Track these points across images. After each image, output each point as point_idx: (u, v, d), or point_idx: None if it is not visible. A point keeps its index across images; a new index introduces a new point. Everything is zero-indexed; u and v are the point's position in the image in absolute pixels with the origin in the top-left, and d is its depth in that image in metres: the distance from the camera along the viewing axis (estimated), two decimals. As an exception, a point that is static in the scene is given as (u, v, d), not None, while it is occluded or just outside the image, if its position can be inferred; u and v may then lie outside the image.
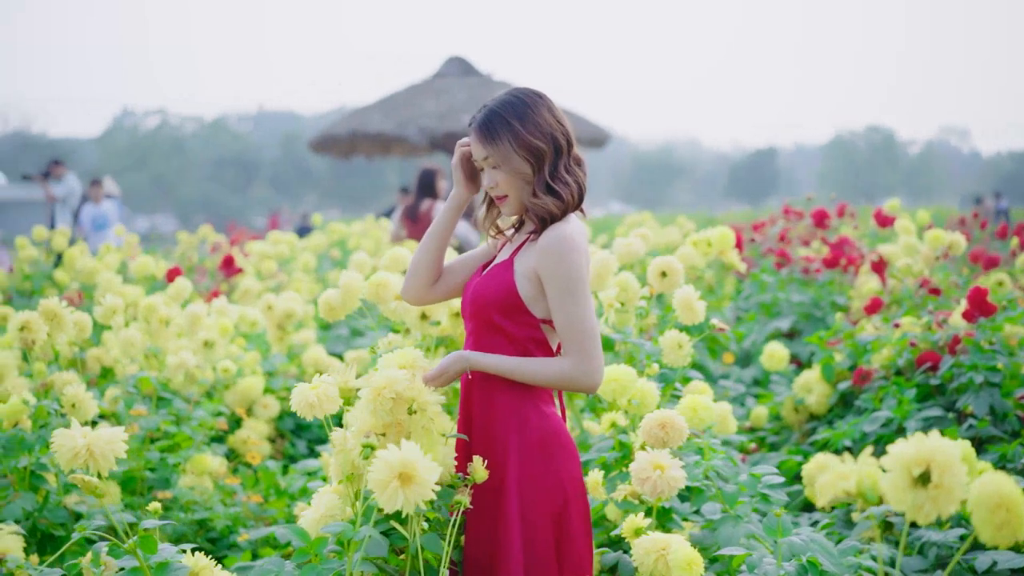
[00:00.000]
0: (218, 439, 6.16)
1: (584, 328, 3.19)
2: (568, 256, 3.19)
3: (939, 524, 4.20)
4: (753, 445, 5.50)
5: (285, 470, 6.00)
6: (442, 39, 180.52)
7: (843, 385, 5.90)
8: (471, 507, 3.19)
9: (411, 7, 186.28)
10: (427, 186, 10.90)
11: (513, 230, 3.50)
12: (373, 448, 2.89)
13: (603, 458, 4.13)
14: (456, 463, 3.23)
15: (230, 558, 4.67)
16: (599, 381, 3.25)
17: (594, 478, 3.80)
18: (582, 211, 3.38)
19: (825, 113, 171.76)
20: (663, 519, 3.86)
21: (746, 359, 7.87)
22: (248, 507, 5.19)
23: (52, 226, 15.68)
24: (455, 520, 3.09)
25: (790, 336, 7.78)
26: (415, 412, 3.02)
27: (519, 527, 3.20)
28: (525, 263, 3.28)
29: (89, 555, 3.23)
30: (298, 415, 3.71)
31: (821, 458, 4.63)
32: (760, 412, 6.20)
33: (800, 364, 7.41)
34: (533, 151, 3.24)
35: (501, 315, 3.28)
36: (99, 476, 2.86)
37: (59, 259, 11.46)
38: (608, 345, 4.85)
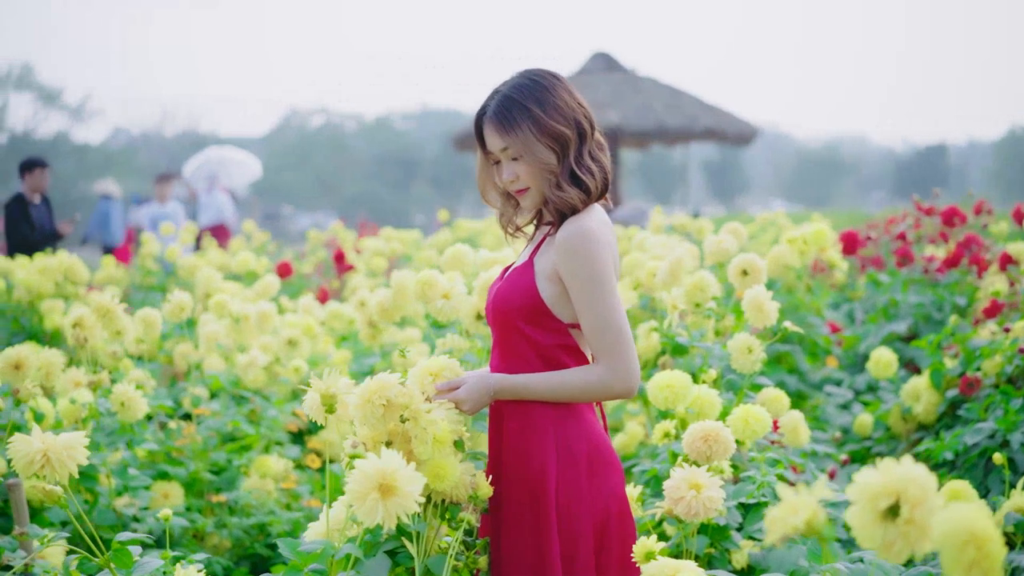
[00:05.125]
0: (299, 440, 6.05)
1: (613, 327, 2.93)
2: (590, 250, 2.94)
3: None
4: (844, 456, 5.16)
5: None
6: (590, 36, 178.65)
7: (951, 393, 5.51)
8: (511, 526, 3.00)
9: (556, 3, 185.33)
10: None
11: (533, 227, 3.26)
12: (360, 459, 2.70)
13: (654, 470, 3.89)
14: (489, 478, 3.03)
15: (278, 565, 4.53)
16: (636, 384, 2.99)
17: (630, 493, 3.55)
18: (607, 200, 3.13)
19: (1001, 107, 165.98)
20: (718, 538, 3.60)
21: (863, 363, 7.47)
22: (312, 512, 5.06)
23: (197, 223, 15.91)
24: (457, 538, 2.88)
25: (909, 340, 7.36)
26: (407, 420, 2.81)
27: (559, 547, 2.98)
28: (545, 262, 3.02)
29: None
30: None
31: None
32: (865, 420, 5.84)
33: (918, 370, 6.99)
34: (557, 138, 2.98)
35: (525, 322, 3.03)
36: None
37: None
38: (679, 350, 4.59)
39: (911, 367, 7.03)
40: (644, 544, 2.89)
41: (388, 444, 2.94)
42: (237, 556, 4.88)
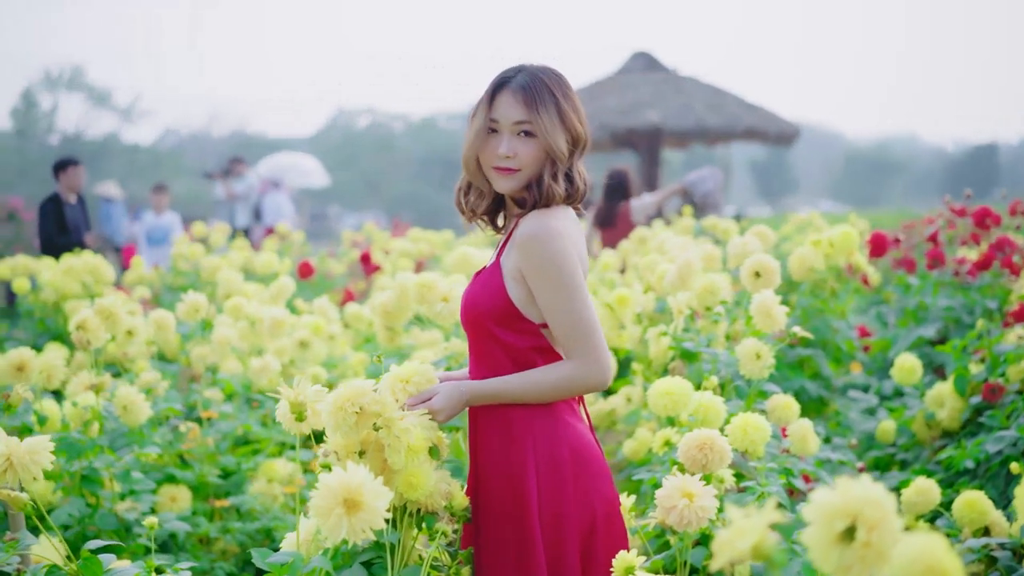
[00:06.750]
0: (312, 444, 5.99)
1: (582, 322, 2.88)
2: (550, 245, 2.86)
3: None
4: (861, 464, 5.04)
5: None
6: (594, 35, 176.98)
7: (975, 399, 5.37)
8: (491, 535, 2.93)
9: (558, 4, 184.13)
10: (619, 187, 10.47)
11: (489, 226, 3.18)
12: (331, 469, 2.64)
13: (653, 479, 3.80)
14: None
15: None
16: (609, 376, 2.95)
17: (623, 503, 3.46)
18: (579, 208, 3.07)
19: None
20: (717, 548, 3.50)
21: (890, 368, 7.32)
22: (319, 517, 5.01)
23: (232, 223, 15.96)
24: (437, 546, 2.81)
25: (939, 344, 7.19)
26: (380, 428, 2.74)
27: (544, 556, 2.90)
28: (510, 262, 2.96)
29: None
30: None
31: (920, 483, 4.21)
32: (888, 427, 5.71)
33: (946, 375, 6.82)
34: (573, 132, 2.95)
35: (497, 325, 2.96)
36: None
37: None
38: (688, 355, 4.49)
39: (939, 372, 6.87)
40: (624, 558, 2.81)
41: (361, 453, 2.88)
42: (243, 561, 4.83)
